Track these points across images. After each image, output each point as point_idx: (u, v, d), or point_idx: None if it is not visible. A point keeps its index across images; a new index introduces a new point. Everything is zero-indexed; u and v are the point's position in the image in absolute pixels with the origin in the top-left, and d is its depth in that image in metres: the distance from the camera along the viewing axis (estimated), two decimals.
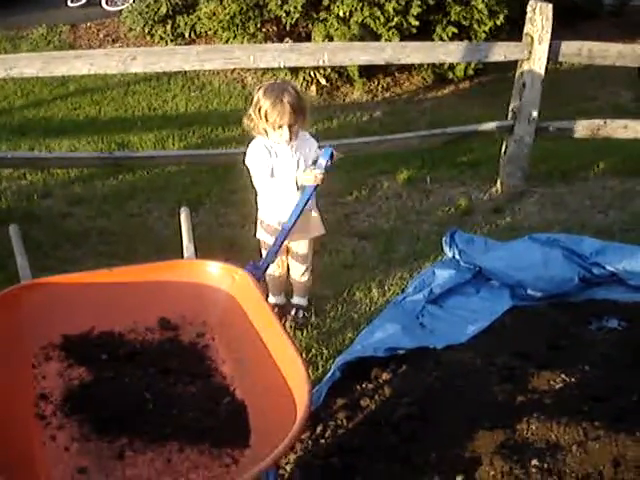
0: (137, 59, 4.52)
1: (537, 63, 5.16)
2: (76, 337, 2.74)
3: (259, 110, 3.40)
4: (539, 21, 5.04)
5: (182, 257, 3.01)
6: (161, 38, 8.60)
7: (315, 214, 3.82)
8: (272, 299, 4.01)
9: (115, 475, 2.27)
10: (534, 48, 5.11)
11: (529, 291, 4.10)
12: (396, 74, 8.22)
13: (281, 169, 3.55)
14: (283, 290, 4.07)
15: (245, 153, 3.61)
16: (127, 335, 2.79)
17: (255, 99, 3.45)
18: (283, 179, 3.52)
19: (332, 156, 3.35)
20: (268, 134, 3.47)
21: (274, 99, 3.34)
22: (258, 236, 3.84)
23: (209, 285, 2.84)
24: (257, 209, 3.83)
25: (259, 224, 3.81)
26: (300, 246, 3.85)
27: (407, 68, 8.10)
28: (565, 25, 7.59)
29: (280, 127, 3.39)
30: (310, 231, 3.82)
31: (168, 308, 2.85)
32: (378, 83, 8.09)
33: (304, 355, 3.65)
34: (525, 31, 5.16)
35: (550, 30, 5.06)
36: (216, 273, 2.84)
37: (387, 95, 8.00)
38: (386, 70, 8.03)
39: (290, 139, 3.45)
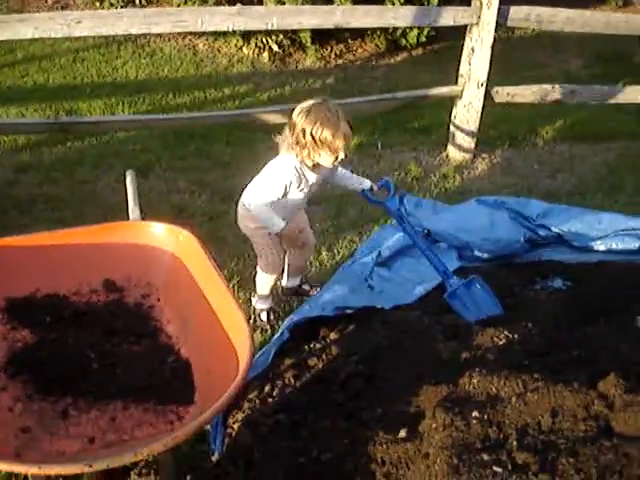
0: (82, 22, 4.44)
1: (486, 28, 5.19)
2: (20, 300, 2.73)
3: (316, 135, 3.22)
4: None
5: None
6: (111, 5, 8.43)
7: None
8: (292, 281, 3.94)
9: (59, 434, 2.27)
10: (483, 13, 5.13)
11: (476, 252, 4.16)
12: (349, 41, 8.17)
13: (298, 190, 3.43)
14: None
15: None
16: (71, 297, 2.79)
17: (307, 122, 3.23)
18: (295, 197, 3.44)
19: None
20: (313, 157, 3.31)
21: (336, 125, 3.20)
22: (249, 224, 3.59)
23: (153, 246, 2.84)
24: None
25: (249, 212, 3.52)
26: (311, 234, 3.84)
27: (360, 35, 8.07)
28: None
29: (337, 151, 3.26)
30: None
31: (113, 270, 2.85)
32: (331, 50, 8.04)
33: (252, 321, 3.67)
34: None
35: None
36: (160, 234, 2.84)
37: (340, 62, 7.97)
38: (339, 37, 7.99)
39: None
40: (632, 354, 2.96)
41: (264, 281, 3.67)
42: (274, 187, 3.36)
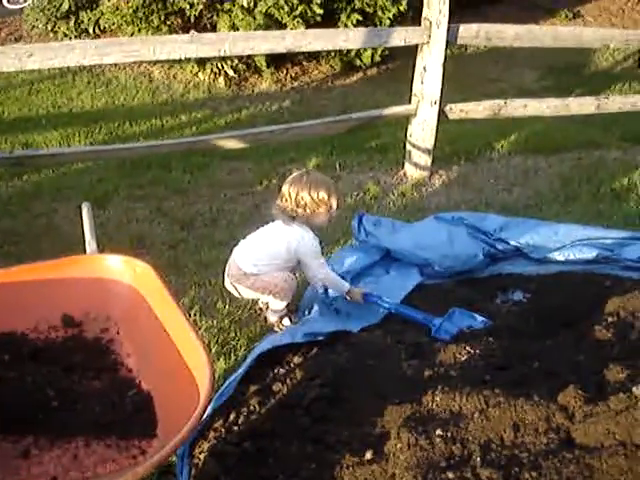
0: (34, 55, 4.41)
1: (436, 46, 5.26)
2: None
3: (315, 197, 3.56)
4: (436, 5, 5.12)
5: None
6: (65, 35, 8.42)
7: None
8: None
9: (20, 474, 2.25)
10: (433, 32, 5.20)
11: (436, 268, 4.19)
12: (304, 63, 8.25)
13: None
14: None
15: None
16: (29, 334, 2.75)
17: (306, 191, 3.57)
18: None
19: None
20: (314, 219, 3.65)
21: (328, 186, 3.61)
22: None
23: (111, 279, 2.82)
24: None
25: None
26: None
27: (315, 57, 8.14)
28: (468, 8, 7.79)
29: (332, 208, 3.62)
30: None
31: (71, 304, 2.82)
32: (286, 73, 8.11)
33: (216, 344, 3.66)
34: (424, 15, 5.25)
35: (447, 14, 5.16)
36: (117, 266, 2.82)
37: (296, 84, 8.03)
38: (294, 59, 8.06)
39: None
40: (591, 365, 2.99)
41: (280, 306, 3.81)
42: (318, 250, 3.75)
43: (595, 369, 2.92)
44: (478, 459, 2.37)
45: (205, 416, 2.66)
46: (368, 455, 2.60)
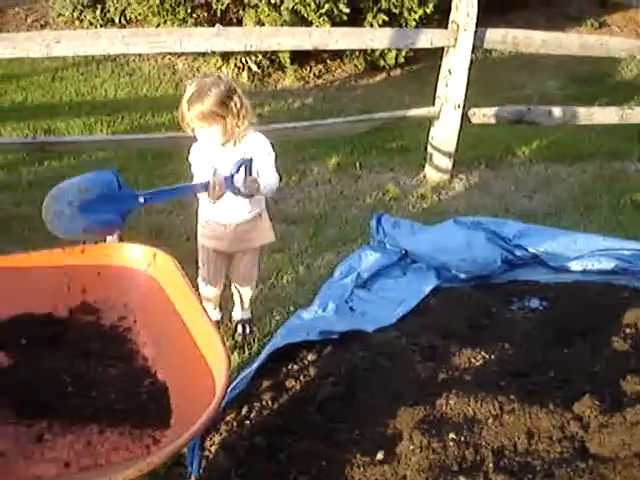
0: (61, 42, 4.44)
1: (463, 50, 5.24)
2: None
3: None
4: (464, 8, 5.11)
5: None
6: (90, 24, 8.44)
7: (264, 219, 3.51)
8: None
9: (34, 458, 2.25)
10: (460, 35, 5.19)
11: (453, 272, 4.18)
12: (328, 61, 8.22)
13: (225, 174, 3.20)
14: (218, 304, 3.80)
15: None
16: (48, 320, 2.76)
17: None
18: None
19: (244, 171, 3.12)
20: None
21: (185, 101, 3.20)
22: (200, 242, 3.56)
23: (130, 268, 2.82)
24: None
25: (200, 229, 3.53)
26: (247, 256, 3.58)
27: (339, 55, 8.12)
28: (494, 14, 7.74)
29: (193, 130, 3.25)
30: (257, 239, 3.53)
31: (89, 292, 2.83)
32: (310, 70, 8.09)
33: (231, 338, 3.66)
34: (451, 18, 5.24)
35: (475, 17, 5.14)
36: (137, 256, 2.82)
37: (319, 82, 8.01)
38: (318, 57, 8.04)
39: (212, 142, 3.24)
40: (607, 374, 2.98)
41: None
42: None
43: (611, 380, 2.91)
44: (491, 464, 2.37)
45: None
46: (379, 455, 2.60)
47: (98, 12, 8.34)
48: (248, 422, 2.99)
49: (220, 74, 3.51)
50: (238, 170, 3.09)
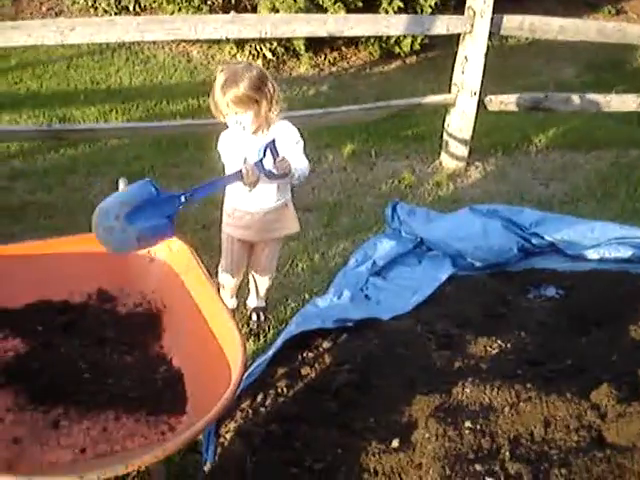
0: (75, 30, 4.43)
1: (479, 36, 5.20)
2: (11, 309, 2.71)
3: (211, 98, 3.17)
4: None
5: None
6: (105, 11, 8.43)
7: (290, 208, 3.47)
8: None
9: (50, 444, 2.26)
10: (476, 21, 5.15)
11: (469, 260, 4.16)
12: (343, 49, 8.19)
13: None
14: (235, 293, 3.78)
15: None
16: (64, 306, 2.78)
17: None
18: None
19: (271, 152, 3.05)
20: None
21: (219, 87, 3.10)
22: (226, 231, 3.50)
23: (146, 255, 2.83)
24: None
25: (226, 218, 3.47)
26: (270, 245, 3.56)
27: (354, 42, 8.09)
28: (511, 1, 7.68)
29: (226, 115, 3.17)
30: (283, 228, 3.51)
31: (105, 278, 2.84)
32: (325, 57, 8.06)
33: (246, 325, 3.66)
34: (467, 4, 5.20)
35: (492, 4, 5.10)
36: None
37: (334, 69, 7.98)
38: (333, 44, 8.01)
39: (245, 129, 3.19)
40: (624, 364, 2.96)
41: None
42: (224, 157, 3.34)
43: (628, 368, 2.89)
44: (507, 453, 2.36)
45: None
46: (395, 443, 2.59)
47: (112, 0, 8.33)
48: (263, 409, 2.98)
49: (251, 62, 3.45)
50: (265, 154, 3.06)
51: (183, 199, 2.74)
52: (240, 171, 3.00)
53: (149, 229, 2.63)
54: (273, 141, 3.08)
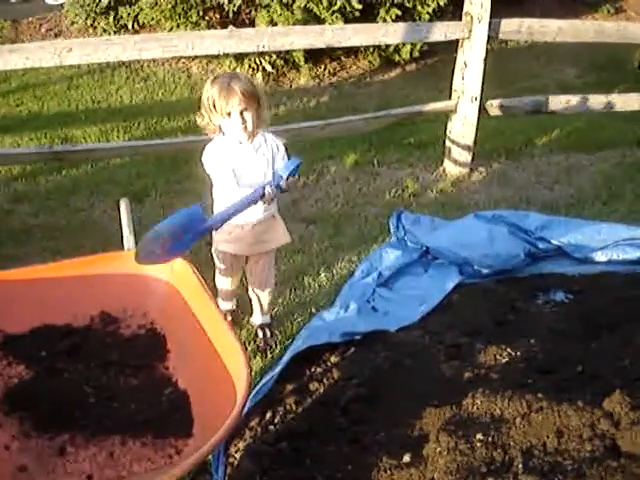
0: (73, 51, 4.42)
1: (478, 42, 5.18)
2: (14, 335, 2.69)
3: (207, 100, 3.12)
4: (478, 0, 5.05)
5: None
6: (104, 30, 8.45)
7: (278, 219, 3.44)
8: (223, 305, 3.69)
9: (56, 472, 2.24)
10: (474, 27, 5.12)
11: (476, 268, 4.12)
12: (342, 58, 8.18)
13: (245, 173, 3.20)
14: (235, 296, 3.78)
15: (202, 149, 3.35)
16: (67, 330, 2.76)
17: (204, 91, 3.17)
18: (248, 185, 3.15)
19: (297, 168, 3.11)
20: (222, 128, 3.18)
21: (221, 85, 3.07)
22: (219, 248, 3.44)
23: (149, 275, 2.81)
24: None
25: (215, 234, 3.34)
26: (264, 258, 3.51)
27: (353, 52, 8.07)
28: (508, 4, 7.66)
29: (229, 114, 3.09)
30: (273, 240, 3.46)
31: (108, 301, 2.82)
32: (324, 68, 8.05)
33: (252, 342, 3.63)
34: (465, 10, 5.17)
35: (489, 8, 5.07)
36: None
37: (334, 80, 7.96)
38: (332, 55, 7.99)
39: (247, 129, 3.13)
40: (637, 368, 2.92)
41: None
42: (214, 172, 3.32)
43: None
44: (520, 465, 2.31)
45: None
46: (406, 458, 2.55)
47: (111, 19, 8.35)
48: (272, 427, 2.95)
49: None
50: (292, 172, 3.09)
51: (206, 226, 2.87)
52: (262, 192, 3.00)
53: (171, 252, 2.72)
54: (290, 159, 3.13)
